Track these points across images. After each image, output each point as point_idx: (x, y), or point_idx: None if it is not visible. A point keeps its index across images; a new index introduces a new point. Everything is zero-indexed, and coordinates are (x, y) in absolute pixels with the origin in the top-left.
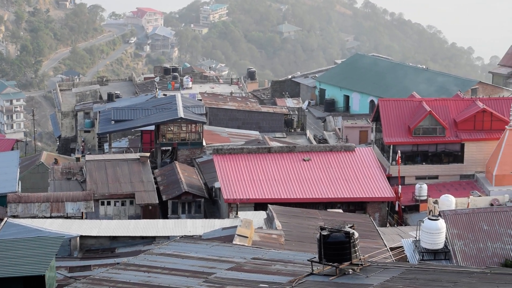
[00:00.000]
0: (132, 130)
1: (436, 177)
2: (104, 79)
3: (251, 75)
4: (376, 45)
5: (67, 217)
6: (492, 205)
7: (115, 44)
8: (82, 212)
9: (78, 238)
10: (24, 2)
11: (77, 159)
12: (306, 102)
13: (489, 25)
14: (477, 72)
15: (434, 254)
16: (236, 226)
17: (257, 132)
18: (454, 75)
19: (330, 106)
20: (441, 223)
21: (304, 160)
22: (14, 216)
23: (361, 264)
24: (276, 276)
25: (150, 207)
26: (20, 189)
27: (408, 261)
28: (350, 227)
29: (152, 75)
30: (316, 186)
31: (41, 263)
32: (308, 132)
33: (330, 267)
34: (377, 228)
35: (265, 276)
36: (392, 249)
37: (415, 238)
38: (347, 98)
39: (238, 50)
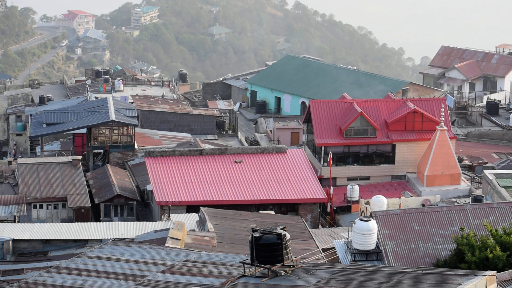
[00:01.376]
0: (64, 133)
1: (367, 178)
2: (35, 82)
3: (182, 78)
4: (307, 47)
5: None
6: (423, 205)
7: (46, 47)
8: (15, 216)
9: (10, 241)
10: None
11: (9, 163)
12: (238, 104)
13: (420, 26)
14: (408, 73)
15: (366, 254)
16: (168, 229)
17: (188, 135)
18: (385, 76)
19: (261, 108)
20: (373, 224)
21: (236, 162)
22: None
23: (293, 266)
24: (209, 278)
25: (83, 210)
26: None
27: (340, 262)
28: (282, 229)
29: (84, 78)
30: (248, 188)
31: None
32: (239, 134)
33: (262, 269)
34: (309, 229)
35: (197, 278)
36: (324, 250)
37: (347, 239)
38: (278, 99)
39: (169, 52)
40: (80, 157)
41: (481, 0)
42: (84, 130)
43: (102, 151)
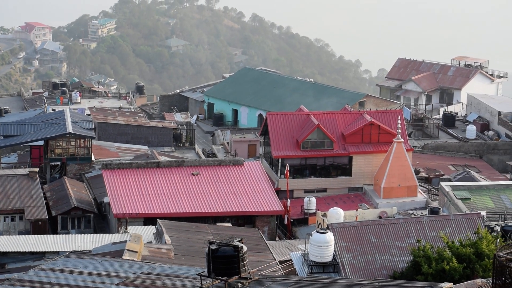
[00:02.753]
0: (21, 145)
1: (324, 190)
2: None
3: (139, 90)
4: (264, 59)
5: None
6: (380, 217)
7: (3, 59)
8: None
9: None
10: None
11: None
12: (195, 117)
13: (377, 38)
14: (365, 85)
15: (323, 267)
16: (125, 241)
17: (146, 147)
18: (342, 88)
19: (218, 120)
20: (330, 236)
21: (193, 174)
22: None
23: (250, 278)
24: None
25: (40, 223)
26: None
27: (297, 274)
28: (239, 241)
29: (41, 90)
30: (205, 200)
31: None
32: (196, 146)
33: (219, 281)
34: (266, 241)
35: None
36: (281, 262)
37: (304, 251)
38: (235, 112)
39: (126, 64)
40: (37, 169)
41: (437, 12)
42: (41, 142)
43: (59, 163)
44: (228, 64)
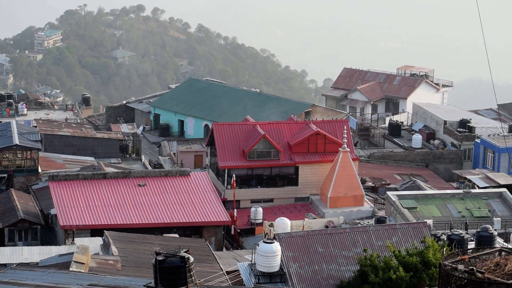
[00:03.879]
0: None
1: (271, 200)
2: None
3: (86, 101)
4: (210, 69)
5: None
6: (327, 227)
7: None
8: None
9: None
10: None
11: None
12: (141, 127)
13: (323, 48)
14: (311, 95)
15: (270, 277)
16: (72, 253)
17: (92, 158)
18: (287, 98)
19: (165, 131)
20: (276, 246)
21: (139, 185)
22: None
23: None
24: None
25: None
26: None
27: (244, 285)
28: (186, 252)
29: None
30: (152, 211)
31: None
32: (143, 157)
33: None
34: (213, 252)
35: None
36: (228, 272)
37: (251, 261)
38: (181, 122)
39: (73, 76)
40: None
41: (383, 22)
42: None
43: (5, 175)
44: (174, 75)
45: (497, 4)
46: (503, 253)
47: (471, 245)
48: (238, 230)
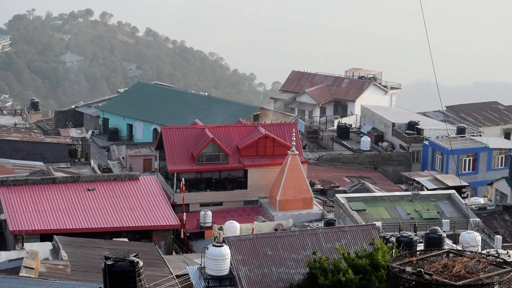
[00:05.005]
0: None
1: (220, 203)
2: None
3: (34, 106)
4: (158, 73)
5: None
6: (276, 230)
7: None
8: None
9: None
10: None
11: None
12: (90, 132)
13: (271, 51)
14: (260, 98)
15: (220, 280)
16: (22, 258)
17: (41, 163)
18: (236, 102)
19: (113, 135)
20: (226, 249)
21: (88, 189)
22: None
23: None
24: None
25: None
26: None
27: None
28: (135, 256)
29: None
30: (101, 215)
31: None
32: (92, 161)
33: None
34: (163, 256)
35: None
36: (178, 276)
37: (200, 265)
38: (130, 126)
39: (21, 81)
40: None
41: (331, 24)
42: None
43: None
44: (123, 79)
45: (443, 6)
46: (451, 254)
47: (420, 247)
48: (188, 234)
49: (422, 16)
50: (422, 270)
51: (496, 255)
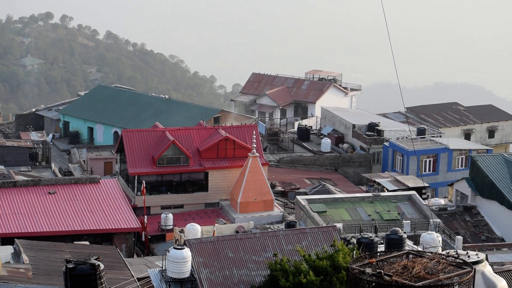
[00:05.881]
0: None
1: (181, 206)
2: None
3: None
4: (119, 76)
5: None
6: (237, 232)
7: None
8: None
9: None
10: None
11: None
12: (51, 135)
13: (231, 53)
14: (220, 101)
15: (181, 283)
16: None
17: (2, 167)
18: (197, 104)
19: (74, 139)
20: (187, 252)
21: (49, 193)
22: None
23: None
24: None
25: None
26: None
27: None
28: (96, 259)
29: None
30: (62, 218)
31: None
32: (53, 165)
33: None
34: (124, 259)
35: None
36: (139, 279)
37: (162, 267)
38: (91, 130)
39: None
40: None
41: (291, 26)
42: None
43: None
44: (83, 82)
45: (404, 9)
46: (411, 255)
47: (381, 248)
48: (149, 237)
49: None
50: (382, 271)
51: (456, 255)
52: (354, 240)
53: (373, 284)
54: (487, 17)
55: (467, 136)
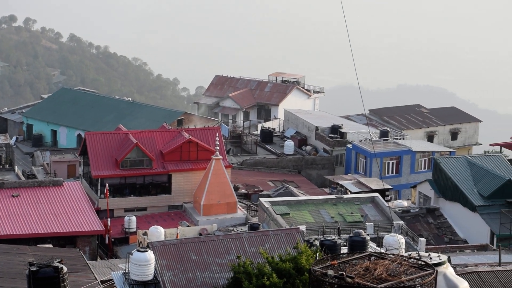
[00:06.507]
0: None
1: (145, 208)
2: None
3: None
4: (82, 79)
5: None
6: (200, 234)
7: None
8: None
9: None
10: None
11: None
12: (14, 138)
13: (195, 56)
14: (183, 103)
15: (144, 285)
16: None
17: None
18: (160, 107)
19: (37, 141)
20: (150, 254)
21: (13, 196)
22: None
23: None
24: None
25: None
26: None
27: None
28: (59, 262)
29: None
30: (25, 221)
31: None
32: (16, 168)
33: None
34: (87, 261)
35: None
36: (102, 282)
37: (125, 270)
38: (54, 132)
39: None
40: None
41: (254, 29)
42: None
43: None
44: (47, 84)
45: (366, 10)
46: (373, 257)
47: (344, 250)
48: (112, 239)
49: (345, 21)
50: (344, 273)
51: (418, 257)
52: (317, 242)
53: (335, 286)
54: (449, 21)
55: (430, 138)
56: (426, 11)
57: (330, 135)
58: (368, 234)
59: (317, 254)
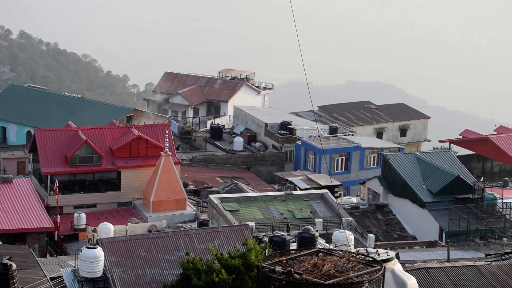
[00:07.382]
0: None
1: (94, 205)
2: None
3: None
4: (32, 76)
5: None
6: (150, 231)
7: None
8: None
9: None
10: None
11: None
12: None
13: (144, 52)
14: (133, 100)
15: (93, 282)
16: None
17: None
18: (110, 103)
19: None
20: (99, 251)
21: None
22: None
23: None
24: None
25: None
26: None
27: None
28: (8, 259)
29: None
30: None
31: None
32: None
33: None
34: (37, 258)
35: None
36: (52, 279)
37: (74, 267)
38: (4, 129)
39: None
40: None
41: (204, 25)
42: None
43: None
44: None
45: (314, 8)
46: (321, 254)
47: (294, 246)
48: (62, 236)
49: (293, 18)
50: (292, 269)
51: (366, 254)
52: (267, 239)
53: (283, 282)
54: (399, 17)
55: (379, 134)
56: (376, 8)
57: (279, 131)
58: (317, 231)
59: (266, 251)
